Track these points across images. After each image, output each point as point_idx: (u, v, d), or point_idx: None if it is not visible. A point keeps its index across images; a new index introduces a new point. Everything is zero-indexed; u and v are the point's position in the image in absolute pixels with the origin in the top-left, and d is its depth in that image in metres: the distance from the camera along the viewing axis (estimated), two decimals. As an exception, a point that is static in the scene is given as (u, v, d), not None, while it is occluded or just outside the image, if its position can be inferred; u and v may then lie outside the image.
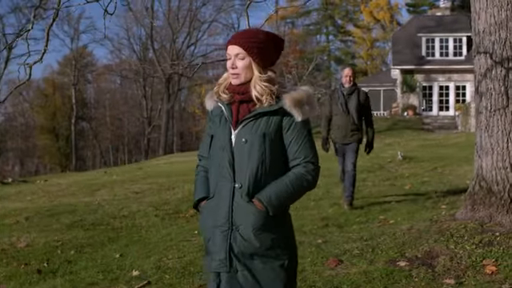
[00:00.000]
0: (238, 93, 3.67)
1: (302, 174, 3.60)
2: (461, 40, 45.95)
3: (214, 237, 3.65)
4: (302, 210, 10.41)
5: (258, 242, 3.57)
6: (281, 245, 3.64)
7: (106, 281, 6.66)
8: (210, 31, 72.44)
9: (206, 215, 3.72)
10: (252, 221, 3.56)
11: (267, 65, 3.67)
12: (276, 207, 3.56)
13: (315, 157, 3.65)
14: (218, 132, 3.70)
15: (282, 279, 3.64)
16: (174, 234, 8.99)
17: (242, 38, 3.67)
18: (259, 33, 3.72)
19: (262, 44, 3.65)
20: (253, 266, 3.61)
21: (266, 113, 3.60)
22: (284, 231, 3.68)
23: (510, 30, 7.40)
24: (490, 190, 7.44)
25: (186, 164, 21.60)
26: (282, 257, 3.64)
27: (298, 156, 3.61)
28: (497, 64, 7.45)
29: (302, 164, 3.60)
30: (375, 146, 11.23)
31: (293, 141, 3.61)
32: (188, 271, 6.78)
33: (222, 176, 3.63)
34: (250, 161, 3.58)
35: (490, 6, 7.51)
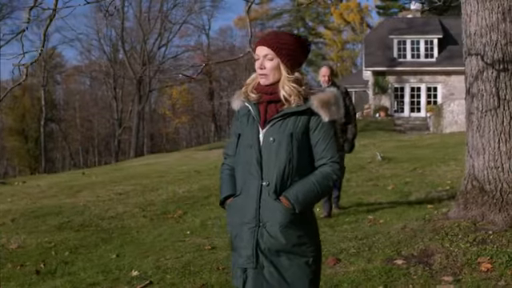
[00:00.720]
0: (266, 93, 3.74)
1: (328, 173, 3.68)
2: (432, 42, 46.41)
3: (242, 233, 3.72)
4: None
5: (285, 239, 3.64)
6: (306, 242, 3.71)
7: (106, 281, 6.69)
8: (181, 33, 72.43)
9: (233, 212, 3.79)
10: (279, 218, 3.63)
11: (295, 66, 3.74)
12: (302, 205, 3.63)
13: (338, 157, 3.74)
14: (246, 131, 3.76)
15: (308, 275, 3.71)
16: (167, 235, 9.04)
17: (271, 39, 3.74)
18: (287, 35, 3.80)
19: (290, 46, 3.72)
20: (279, 262, 3.68)
21: (293, 113, 3.68)
22: (309, 229, 3.76)
23: (500, 33, 7.55)
24: (482, 189, 7.58)
25: (164, 165, 21.61)
26: (308, 254, 3.71)
27: (325, 155, 3.69)
28: (488, 66, 7.59)
29: (328, 163, 3.69)
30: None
31: (320, 141, 3.69)
32: (188, 271, 6.83)
33: (249, 174, 3.70)
34: (278, 159, 3.66)
35: (481, 9, 7.65)
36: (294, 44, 3.76)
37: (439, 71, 44.62)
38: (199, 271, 6.79)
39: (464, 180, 7.97)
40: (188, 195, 12.56)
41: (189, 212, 10.91)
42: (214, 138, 73.86)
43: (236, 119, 3.89)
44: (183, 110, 77.76)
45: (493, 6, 7.57)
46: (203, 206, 11.46)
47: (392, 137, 33.35)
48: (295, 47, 3.75)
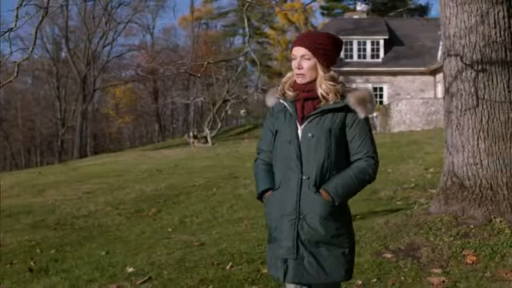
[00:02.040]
0: (303, 91, 3.91)
1: (364, 167, 3.87)
2: (378, 43, 47.08)
3: (282, 225, 3.89)
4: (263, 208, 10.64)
5: (324, 231, 3.82)
6: (344, 233, 3.90)
7: (104, 278, 6.75)
8: (126, 32, 71.94)
9: (272, 205, 3.96)
10: (319, 210, 3.80)
11: (330, 65, 3.93)
12: (341, 198, 3.82)
13: (375, 152, 3.93)
14: (284, 127, 3.92)
15: (344, 265, 3.90)
16: (149, 233, 9.13)
17: (308, 40, 3.91)
18: (322, 35, 3.97)
19: (326, 46, 3.90)
20: (318, 253, 3.85)
21: (331, 109, 3.86)
22: (346, 220, 3.94)
23: (479, 35, 7.83)
24: (462, 185, 7.85)
25: (121, 164, 21.54)
26: (345, 245, 3.90)
27: (361, 150, 3.88)
28: (467, 66, 7.88)
29: (364, 158, 3.87)
30: None
31: (356, 136, 3.87)
32: (183, 267, 6.94)
33: (289, 168, 3.87)
34: (317, 154, 3.83)
35: (460, 11, 7.93)
36: (330, 44, 3.93)
37: (385, 72, 45.26)
38: (194, 267, 6.90)
39: (443, 176, 8.23)
40: (157, 194, 12.61)
41: (163, 210, 10.99)
42: (157, 137, 73.49)
43: (271, 116, 4.04)
44: (127, 109, 77.22)
45: (472, 9, 7.85)
46: (175, 204, 11.54)
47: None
48: (330, 47, 3.92)
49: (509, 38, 7.94)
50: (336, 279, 3.93)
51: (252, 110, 61.34)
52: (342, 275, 3.91)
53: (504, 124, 7.82)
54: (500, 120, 7.81)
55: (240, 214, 10.19)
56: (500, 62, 7.84)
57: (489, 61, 7.83)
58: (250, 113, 57.10)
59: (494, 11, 7.84)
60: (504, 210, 7.61)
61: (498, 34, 7.85)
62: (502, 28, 7.88)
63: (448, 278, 6.29)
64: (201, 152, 24.78)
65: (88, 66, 63.64)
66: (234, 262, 6.97)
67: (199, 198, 11.86)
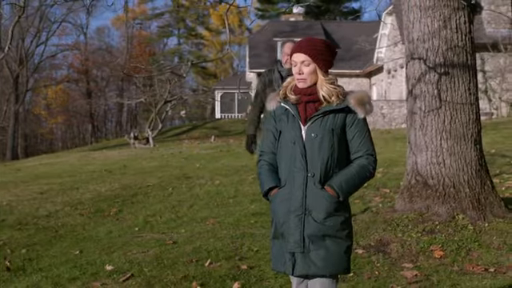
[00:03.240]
0: (305, 94, 4.19)
1: (365, 164, 4.14)
2: (315, 45, 47.67)
3: (289, 221, 4.12)
4: (225, 206, 10.84)
5: (330, 225, 4.06)
6: (346, 227, 4.16)
7: (85, 276, 6.81)
8: (60, 31, 70.99)
9: (278, 202, 4.17)
10: (324, 205, 4.05)
11: (328, 69, 4.20)
12: (345, 193, 4.08)
13: (374, 150, 4.21)
14: (287, 129, 4.18)
15: (347, 258, 4.16)
16: (117, 232, 9.19)
17: (306, 46, 4.18)
18: (319, 41, 4.25)
19: (323, 51, 4.17)
20: (324, 245, 4.07)
21: (332, 110, 4.12)
22: (348, 216, 4.20)
23: (442, 39, 8.17)
24: (425, 183, 8.17)
25: (67, 165, 21.34)
26: (348, 238, 4.16)
27: (361, 149, 4.15)
28: (430, 69, 8.20)
29: (364, 156, 4.15)
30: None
31: (356, 135, 4.14)
32: (162, 264, 7.05)
33: (294, 166, 4.11)
34: (321, 152, 4.08)
35: (423, 16, 8.25)
36: (326, 49, 4.20)
37: (321, 74, 45.81)
38: (173, 264, 7.02)
39: (407, 175, 8.53)
40: (113, 194, 12.62)
41: (123, 210, 11.03)
42: (90, 138, 72.69)
43: (272, 119, 4.29)
44: (59, 110, 76.16)
45: (435, 14, 8.18)
46: (134, 204, 11.59)
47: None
48: (327, 52, 4.20)
49: (469, 43, 8.30)
50: (340, 271, 4.15)
51: (192, 112, 61.46)
52: (344, 267, 4.15)
53: (465, 125, 8.16)
54: (462, 121, 8.15)
55: (202, 213, 10.30)
56: (461, 65, 8.19)
57: (451, 64, 8.16)
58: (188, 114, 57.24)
59: (456, 16, 8.18)
60: (466, 207, 7.95)
61: (459, 39, 8.20)
62: (464, 33, 8.23)
63: (420, 272, 6.57)
64: (144, 153, 24.75)
65: (21, 65, 62.53)
66: (212, 259, 7.11)
67: (157, 198, 11.93)
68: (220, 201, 11.46)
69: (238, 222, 9.28)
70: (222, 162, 17.91)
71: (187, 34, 77.87)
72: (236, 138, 34.90)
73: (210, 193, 12.32)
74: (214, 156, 20.50)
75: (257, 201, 11.14)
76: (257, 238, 7.95)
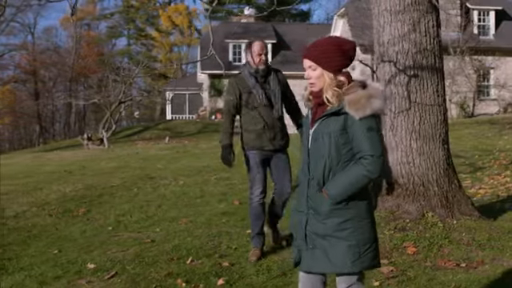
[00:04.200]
0: (315, 97, 4.32)
1: (359, 166, 4.18)
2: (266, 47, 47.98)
3: (297, 219, 4.33)
4: (194, 206, 10.96)
5: (329, 225, 4.20)
6: (349, 227, 4.21)
7: (69, 274, 6.88)
8: (7, 31, 69.98)
9: (295, 200, 4.45)
10: (321, 207, 4.21)
11: (337, 68, 4.23)
12: (336, 196, 4.17)
13: (374, 150, 4.16)
14: (306, 131, 4.38)
15: (350, 257, 4.20)
16: (91, 232, 9.26)
17: (311, 50, 4.27)
18: (324, 42, 4.29)
19: (329, 53, 4.22)
20: (325, 244, 4.21)
21: (333, 113, 4.20)
22: (352, 215, 4.24)
23: (411, 42, 8.42)
24: (396, 182, 8.41)
25: (21, 166, 21.16)
26: (351, 238, 4.20)
27: (358, 150, 4.20)
28: (400, 71, 8.45)
29: (363, 156, 4.20)
30: (207, 146, 10.96)
31: (353, 137, 4.20)
32: (144, 262, 7.16)
33: (302, 168, 4.31)
34: (320, 155, 4.23)
35: (393, 20, 8.49)
36: (332, 49, 4.22)
37: (273, 75, 46.16)
38: (155, 262, 7.13)
39: (378, 175, 8.75)
40: (78, 194, 12.62)
41: (92, 210, 11.06)
42: (38, 139, 71.74)
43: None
44: (6, 111, 74.98)
45: (404, 18, 8.43)
46: (101, 204, 11.63)
47: (234, 138, 34.21)
48: (333, 52, 4.21)
49: (437, 46, 8.58)
50: (342, 270, 4.24)
51: (141, 113, 61.15)
52: (348, 267, 4.20)
53: (434, 125, 8.44)
54: (430, 122, 8.42)
55: (172, 213, 10.41)
56: (430, 67, 8.46)
57: (420, 66, 8.42)
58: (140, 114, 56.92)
59: (425, 20, 8.45)
60: (435, 205, 8.21)
61: (428, 42, 8.46)
62: (432, 36, 8.50)
63: (396, 268, 6.77)
64: (100, 154, 24.66)
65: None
66: (193, 257, 7.25)
67: (124, 198, 11.98)
68: (187, 201, 11.57)
69: (210, 222, 9.41)
70: (183, 163, 18.00)
71: (137, 34, 77.51)
72: (190, 139, 34.92)
73: (175, 193, 12.42)
74: (173, 157, 20.57)
75: (224, 201, 11.30)
76: (233, 237, 8.10)
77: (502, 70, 38.59)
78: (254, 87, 7.27)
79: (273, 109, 7.30)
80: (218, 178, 14.40)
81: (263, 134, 7.26)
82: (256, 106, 7.26)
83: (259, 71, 7.32)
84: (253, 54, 7.34)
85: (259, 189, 7.34)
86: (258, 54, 7.31)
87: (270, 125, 7.27)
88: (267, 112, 7.26)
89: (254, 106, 7.27)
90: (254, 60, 7.33)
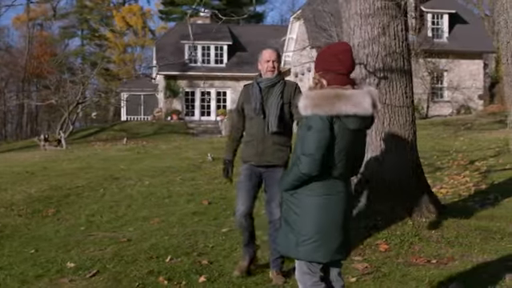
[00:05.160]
0: None
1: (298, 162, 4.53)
2: (222, 48, 48.32)
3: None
4: (163, 206, 11.05)
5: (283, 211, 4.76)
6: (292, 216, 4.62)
7: (50, 272, 6.95)
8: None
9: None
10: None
11: (322, 71, 4.63)
12: (281, 185, 4.64)
13: (305, 148, 4.44)
14: None
15: (296, 246, 4.56)
16: (64, 231, 9.31)
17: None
18: (323, 48, 4.79)
19: (318, 58, 4.69)
20: (282, 229, 4.74)
21: None
22: (295, 208, 4.59)
23: (381, 45, 8.64)
24: (366, 181, 8.62)
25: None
26: (299, 228, 4.57)
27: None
28: (370, 74, 8.66)
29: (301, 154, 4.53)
30: (166, 147, 10.92)
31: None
32: (123, 261, 7.25)
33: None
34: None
35: (364, 23, 8.71)
36: (324, 55, 4.65)
37: (228, 76, 46.45)
38: (134, 260, 7.23)
39: (349, 174, 8.95)
40: (44, 195, 12.62)
41: (61, 210, 11.09)
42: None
43: None
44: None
45: (374, 21, 8.65)
46: (69, 204, 11.67)
47: (192, 139, 34.29)
48: (325, 58, 4.62)
49: (406, 49, 8.82)
50: (290, 255, 4.67)
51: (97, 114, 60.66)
52: (291, 253, 4.60)
53: (403, 126, 8.67)
54: (399, 123, 8.65)
55: (142, 213, 10.49)
56: (399, 70, 8.69)
57: (389, 69, 8.65)
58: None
59: (394, 24, 8.68)
60: (405, 204, 8.44)
61: (397, 45, 8.70)
62: (401, 40, 8.74)
63: (370, 264, 6.99)
64: (59, 155, 24.50)
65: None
66: (172, 255, 7.36)
67: (91, 199, 12.02)
68: (155, 201, 11.66)
69: (182, 221, 9.52)
70: (146, 164, 18.04)
71: (90, 35, 76.90)
72: (147, 140, 34.84)
73: (142, 193, 12.49)
74: (134, 158, 20.57)
75: (193, 201, 11.42)
76: (209, 235, 8.23)
77: (456, 73, 39.38)
78: (253, 96, 6.74)
79: (266, 121, 6.66)
80: (183, 178, 14.51)
81: (252, 147, 6.70)
82: (252, 117, 6.75)
83: (263, 80, 6.81)
84: (261, 60, 6.86)
85: (240, 208, 6.69)
86: (266, 61, 6.79)
87: (259, 138, 6.66)
88: (260, 124, 6.67)
89: (251, 116, 6.76)
90: (262, 67, 6.85)
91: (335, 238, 4.53)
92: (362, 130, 4.62)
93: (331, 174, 4.46)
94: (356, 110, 4.40)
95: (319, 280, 4.60)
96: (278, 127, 6.60)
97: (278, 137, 6.64)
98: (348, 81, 4.54)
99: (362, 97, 4.45)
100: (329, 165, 4.43)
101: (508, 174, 12.56)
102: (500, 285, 6.07)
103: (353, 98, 4.43)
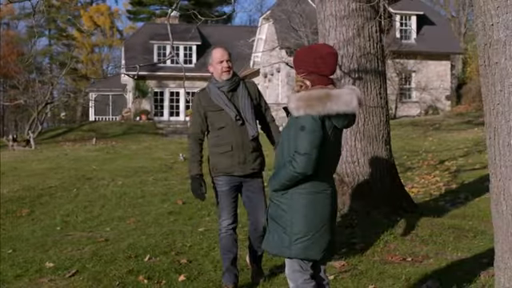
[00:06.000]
0: None
1: (291, 161, 4.57)
2: (191, 48, 48.36)
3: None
4: (138, 206, 11.07)
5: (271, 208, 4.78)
6: (283, 216, 4.63)
7: (29, 272, 6.94)
8: None
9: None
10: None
11: (303, 73, 4.71)
12: (272, 185, 4.65)
13: (298, 148, 4.50)
14: None
15: (286, 244, 4.62)
16: (41, 231, 9.29)
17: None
18: (301, 48, 4.83)
19: (295, 59, 4.76)
20: (269, 227, 4.74)
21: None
22: (289, 206, 4.64)
23: (356, 46, 8.76)
24: (342, 181, 8.73)
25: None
26: (285, 226, 4.63)
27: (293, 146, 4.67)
28: (345, 74, 8.77)
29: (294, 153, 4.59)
30: (137, 147, 10.75)
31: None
32: (102, 260, 7.26)
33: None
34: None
35: (339, 25, 8.81)
36: (300, 56, 4.73)
37: (197, 77, 46.33)
38: (113, 260, 7.25)
39: (324, 173, 9.06)
40: (16, 195, 12.57)
41: (35, 211, 11.06)
42: None
43: None
44: None
45: (349, 23, 8.76)
46: (43, 204, 11.64)
47: (161, 139, 34.25)
48: (309, 60, 4.66)
49: (380, 50, 8.95)
50: (283, 255, 4.68)
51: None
52: (284, 252, 4.63)
53: (377, 126, 8.80)
54: (374, 123, 8.78)
55: (117, 213, 10.51)
56: (373, 71, 8.82)
57: (364, 70, 8.77)
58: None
59: (369, 26, 8.80)
60: (379, 203, 8.58)
61: (371, 46, 8.82)
62: (375, 41, 8.87)
63: (347, 262, 7.07)
64: (28, 155, 24.34)
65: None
66: (151, 255, 7.39)
67: (65, 199, 12.00)
68: (130, 201, 11.67)
69: (158, 221, 9.55)
70: (118, 164, 18.03)
71: (58, 34, 76.34)
72: (116, 140, 34.75)
73: (116, 193, 12.48)
74: (105, 158, 20.54)
75: (167, 200, 11.45)
76: (187, 235, 8.26)
77: (424, 74, 39.79)
78: (222, 103, 6.15)
79: (244, 127, 6.16)
80: (156, 178, 14.54)
81: (231, 156, 6.16)
82: (223, 126, 6.16)
83: (224, 84, 6.19)
84: (213, 62, 6.19)
85: (226, 220, 6.28)
86: (219, 62, 6.14)
87: (239, 146, 6.16)
88: (236, 131, 6.14)
89: (221, 125, 6.16)
90: (215, 70, 6.20)
91: (325, 236, 4.61)
92: (344, 128, 4.72)
93: (319, 172, 4.54)
94: (346, 109, 4.48)
95: (310, 277, 4.68)
96: (255, 133, 6.22)
97: (255, 142, 6.25)
98: (330, 81, 4.63)
99: (350, 95, 4.53)
100: (319, 163, 4.52)
101: (477, 174, 12.76)
102: (475, 282, 6.18)
103: (342, 97, 4.51)
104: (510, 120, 3.95)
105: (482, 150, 16.12)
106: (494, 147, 4.11)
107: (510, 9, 3.91)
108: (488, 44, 4.08)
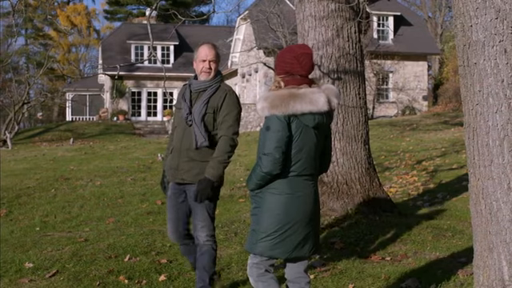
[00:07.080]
0: None
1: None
2: (169, 48, 48.28)
3: None
4: (117, 206, 11.07)
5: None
6: (256, 213, 4.77)
7: (9, 273, 6.90)
8: None
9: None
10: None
11: (282, 73, 4.81)
12: (248, 185, 4.81)
13: (264, 148, 4.63)
14: None
15: (254, 241, 4.76)
16: (19, 232, 9.25)
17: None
18: (282, 50, 4.90)
19: (277, 60, 4.85)
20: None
21: None
22: (261, 204, 4.74)
23: (335, 47, 8.81)
24: (321, 180, 8.75)
25: None
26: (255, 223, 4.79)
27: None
28: (325, 75, 8.82)
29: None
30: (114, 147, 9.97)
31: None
32: (82, 260, 7.24)
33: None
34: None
35: (318, 25, 8.86)
36: (279, 56, 4.81)
37: (175, 77, 46.26)
38: (93, 260, 7.23)
39: (303, 173, 9.10)
40: (-6, 196, 12.49)
41: (14, 211, 11.02)
42: None
43: None
44: None
45: (328, 23, 8.81)
46: (21, 205, 11.60)
47: (139, 140, 34.15)
48: (286, 61, 4.74)
49: (359, 51, 9.01)
50: (251, 251, 4.77)
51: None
52: (251, 249, 4.74)
53: (356, 126, 8.85)
54: (353, 123, 8.83)
55: (96, 213, 10.50)
56: (352, 71, 8.87)
57: (343, 70, 8.82)
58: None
59: (348, 26, 8.85)
60: (358, 203, 8.63)
61: (350, 47, 8.88)
62: (354, 42, 8.92)
63: (327, 261, 7.11)
64: (5, 155, 24.13)
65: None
66: (131, 255, 7.38)
67: (43, 200, 11.95)
68: (108, 201, 11.65)
69: (137, 221, 9.56)
70: (95, 164, 17.95)
71: (35, 34, 75.85)
72: (94, 140, 34.63)
73: (94, 193, 12.47)
74: (83, 158, 20.45)
75: (146, 201, 11.46)
76: (166, 235, 8.22)
77: (401, 74, 40.02)
78: (183, 101, 5.77)
79: (193, 132, 5.63)
80: (134, 178, 14.51)
81: (171, 160, 5.83)
82: (176, 125, 5.87)
83: (195, 84, 5.76)
84: (197, 59, 5.79)
85: (170, 232, 5.98)
86: (201, 61, 5.71)
87: (177, 150, 5.74)
88: (183, 134, 5.70)
89: (175, 124, 5.88)
90: (197, 67, 5.77)
91: (296, 236, 4.63)
92: (323, 127, 4.73)
93: (294, 172, 4.57)
94: (310, 108, 4.51)
95: (265, 271, 4.75)
96: (202, 137, 5.59)
97: (201, 151, 5.62)
98: (305, 81, 4.66)
99: (315, 95, 4.56)
100: (290, 163, 4.55)
101: (454, 174, 12.88)
102: (454, 280, 6.25)
103: (306, 96, 4.54)
104: (489, 120, 4.01)
105: (459, 150, 16.28)
106: (472, 147, 4.16)
107: (488, 10, 3.96)
108: (467, 45, 4.14)
